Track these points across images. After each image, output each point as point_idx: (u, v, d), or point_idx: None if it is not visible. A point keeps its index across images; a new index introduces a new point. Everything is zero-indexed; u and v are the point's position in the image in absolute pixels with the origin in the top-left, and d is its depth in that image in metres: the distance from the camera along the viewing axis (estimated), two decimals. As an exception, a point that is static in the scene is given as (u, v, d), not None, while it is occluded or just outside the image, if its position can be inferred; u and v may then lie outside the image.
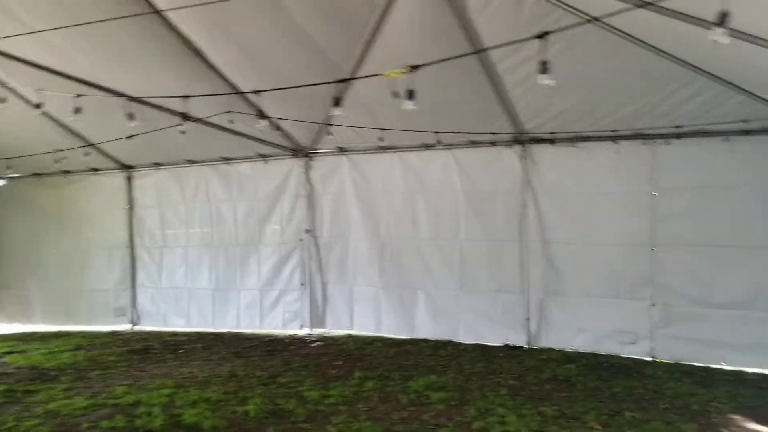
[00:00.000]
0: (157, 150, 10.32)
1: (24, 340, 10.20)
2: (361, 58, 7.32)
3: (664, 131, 7.61)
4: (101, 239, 11.49)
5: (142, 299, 11.33)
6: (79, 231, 11.59)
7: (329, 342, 9.23)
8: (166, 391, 6.48)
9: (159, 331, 10.81)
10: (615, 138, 7.88)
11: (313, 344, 9.12)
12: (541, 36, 4.02)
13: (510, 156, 8.63)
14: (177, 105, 8.47)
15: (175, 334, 10.43)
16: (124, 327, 11.22)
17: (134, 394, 6.42)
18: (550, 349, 8.38)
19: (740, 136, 7.37)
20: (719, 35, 3.20)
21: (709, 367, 7.45)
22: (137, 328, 11.20)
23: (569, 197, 8.35)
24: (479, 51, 5.94)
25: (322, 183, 9.95)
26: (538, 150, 8.47)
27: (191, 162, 10.67)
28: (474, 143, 8.74)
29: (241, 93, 7.45)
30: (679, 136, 7.58)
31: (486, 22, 6.47)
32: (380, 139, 8.39)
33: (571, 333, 8.40)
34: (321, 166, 9.97)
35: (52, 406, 6.11)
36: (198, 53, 7.35)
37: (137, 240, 11.34)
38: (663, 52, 6.24)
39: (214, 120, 8.49)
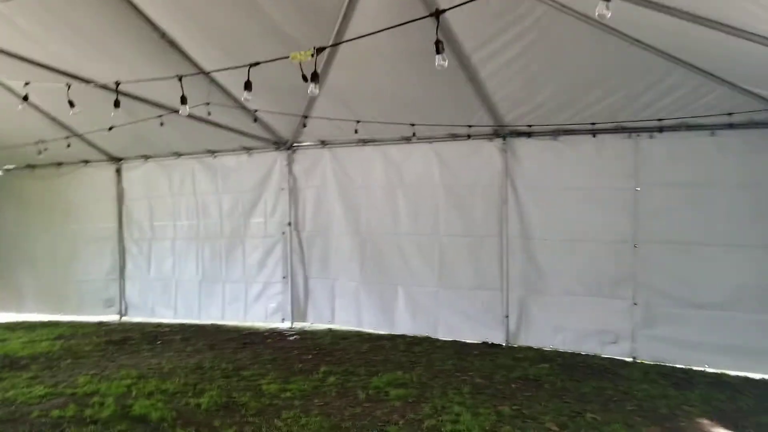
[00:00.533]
0: (144, 142, 10.31)
1: (11, 328, 10.26)
2: (334, 50, 7.23)
3: (646, 124, 7.35)
4: (92, 230, 11.51)
5: (131, 290, 11.33)
6: (71, 222, 11.62)
7: (307, 336, 9.12)
8: (127, 382, 6.44)
9: (145, 322, 10.79)
10: (596, 131, 7.66)
11: (291, 338, 9.02)
12: (436, 14, 3.87)
13: (490, 149, 8.44)
14: (159, 97, 8.51)
15: (159, 325, 10.41)
16: (113, 318, 11.23)
17: (95, 384, 6.38)
18: (529, 348, 8.18)
19: (725, 130, 7.12)
20: (602, 9, 3.01)
21: (690, 369, 7.20)
22: (125, 318, 11.20)
23: (550, 192, 8.13)
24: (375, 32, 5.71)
25: (305, 176, 9.84)
26: (519, 143, 8.27)
27: (177, 154, 10.65)
28: (454, 136, 8.56)
29: (196, 74, 7.32)
30: (661, 129, 7.33)
31: (455, 12, 6.30)
32: (355, 131, 8.26)
33: (550, 331, 8.19)
34: (303, 159, 9.86)
35: (10, 393, 6.10)
36: (174, 45, 7.27)
37: (126, 232, 11.34)
38: (638, 41, 6.03)
39: (196, 112, 8.43)
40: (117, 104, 5.93)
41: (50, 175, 11.69)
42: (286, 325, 9.84)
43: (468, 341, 8.54)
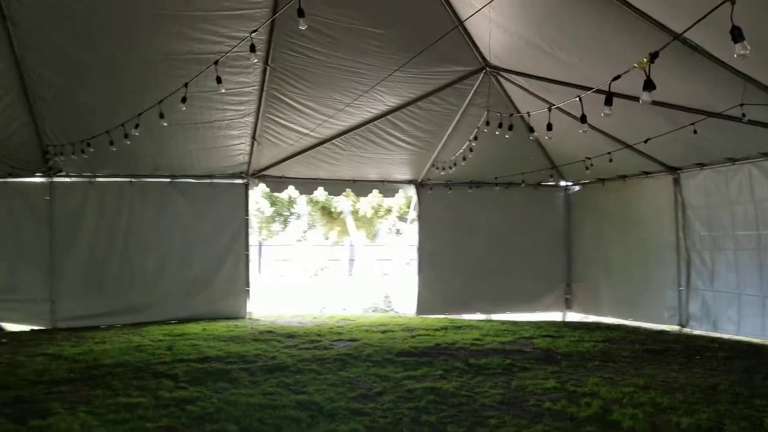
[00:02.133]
0: (698, 150, 10.07)
1: (574, 327, 11.39)
2: None
3: None
4: (655, 240, 11.76)
5: (693, 301, 11.05)
6: (636, 231, 12.15)
7: None
8: (627, 390, 6.54)
9: (703, 335, 10.43)
10: None
11: None
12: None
13: None
14: (697, 103, 8.32)
15: (713, 340, 9.90)
16: (673, 327, 11.19)
17: (597, 387, 6.69)
18: None
19: None
20: None
21: None
22: (686, 330, 11.00)
23: None
24: None
25: None
26: None
27: (733, 160, 9.94)
28: None
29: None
30: None
31: None
32: None
33: None
34: None
35: (527, 383, 6.97)
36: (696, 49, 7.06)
37: (687, 241, 11.14)
38: None
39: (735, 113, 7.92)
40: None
41: (617, 187, 12.53)
42: None
43: None
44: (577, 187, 13.79)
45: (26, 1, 7.63)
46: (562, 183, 13.85)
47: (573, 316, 13.70)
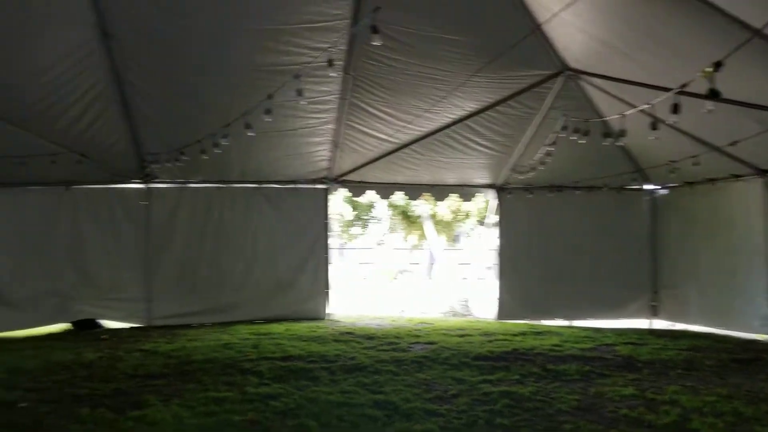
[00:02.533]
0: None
1: (660, 335, 11.08)
2: None
3: None
4: (743, 245, 11.28)
5: (785, 310, 10.58)
6: (725, 237, 11.67)
7: None
8: (709, 399, 6.43)
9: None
10: None
11: None
12: None
13: None
14: None
15: (806, 350, 9.47)
16: (764, 336, 10.72)
17: (675, 395, 6.58)
18: None
19: None
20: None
21: None
22: (777, 340, 10.55)
23: None
24: None
25: None
26: None
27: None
28: None
29: None
30: None
31: None
32: None
33: None
34: None
35: (607, 390, 6.92)
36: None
37: (780, 247, 10.67)
38: None
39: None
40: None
41: (706, 191, 12.05)
42: None
43: None
44: (664, 191, 13.38)
45: (125, 18, 8.22)
46: (648, 186, 13.46)
47: (659, 324, 13.30)
